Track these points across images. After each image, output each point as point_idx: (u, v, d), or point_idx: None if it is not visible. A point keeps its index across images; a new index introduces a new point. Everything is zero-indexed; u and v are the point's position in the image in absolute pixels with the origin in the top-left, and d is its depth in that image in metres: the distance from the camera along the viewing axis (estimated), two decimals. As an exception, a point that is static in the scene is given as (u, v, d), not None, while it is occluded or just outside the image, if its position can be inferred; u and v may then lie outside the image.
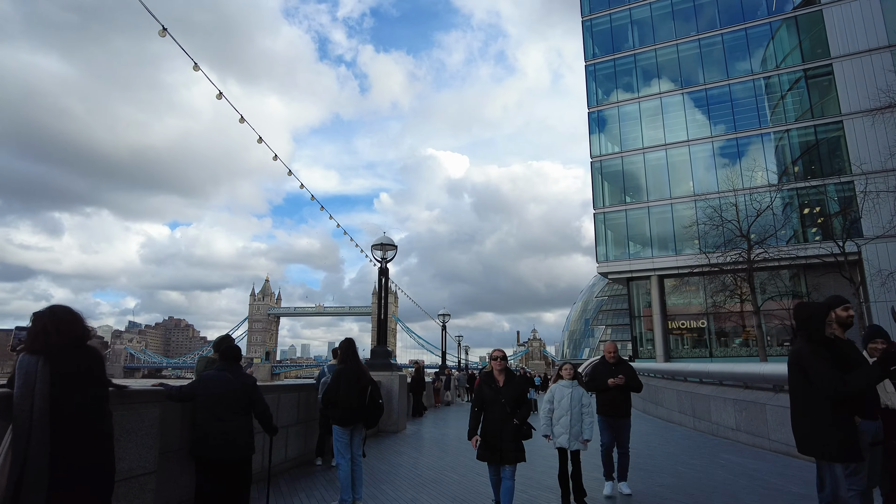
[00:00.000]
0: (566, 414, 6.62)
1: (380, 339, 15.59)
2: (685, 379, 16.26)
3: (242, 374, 5.13)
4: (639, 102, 42.11)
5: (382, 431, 13.95)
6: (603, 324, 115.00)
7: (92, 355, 3.31)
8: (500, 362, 5.86)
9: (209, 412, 4.85)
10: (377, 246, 15.76)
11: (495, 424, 5.60)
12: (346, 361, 6.71)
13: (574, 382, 6.82)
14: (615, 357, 7.72)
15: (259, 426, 5.21)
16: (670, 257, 38.54)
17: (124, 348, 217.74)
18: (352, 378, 6.52)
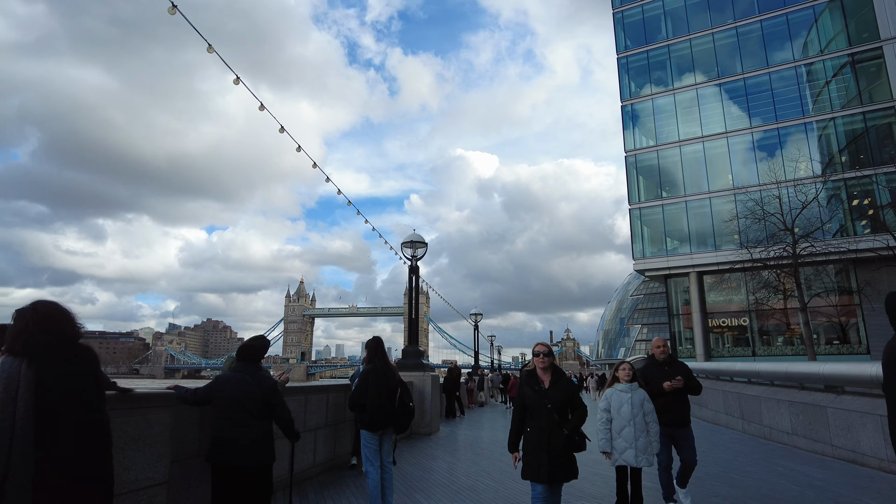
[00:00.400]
0: (629, 424, 5.61)
1: (411, 338, 15.23)
2: (732, 379, 15.41)
3: (261, 376, 4.74)
4: (673, 94, 40.86)
5: (415, 434, 13.55)
6: (639, 323, 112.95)
7: (84, 355, 2.95)
8: (545, 359, 4.86)
9: (225, 416, 4.49)
10: (407, 243, 15.40)
11: (541, 435, 4.64)
12: (374, 361, 6.27)
13: (634, 385, 5.85)
14: (666, 354, 6.59)
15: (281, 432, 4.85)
16: (709, 253, 37.24)
17: (165, 349, 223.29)
18: (381, 378, 6.08)
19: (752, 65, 37.70)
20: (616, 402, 5.78)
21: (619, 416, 5.69)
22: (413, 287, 15.26)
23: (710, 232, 37.97)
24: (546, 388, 4.79)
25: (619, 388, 5.84)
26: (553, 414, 4.66)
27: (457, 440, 13.14)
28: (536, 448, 4.65)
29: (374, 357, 6.29)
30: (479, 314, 32.41)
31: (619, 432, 5.66)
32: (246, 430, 4.45)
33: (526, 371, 5.05)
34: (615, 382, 5.96)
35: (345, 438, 9.20)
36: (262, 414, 4.58)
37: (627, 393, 5.76)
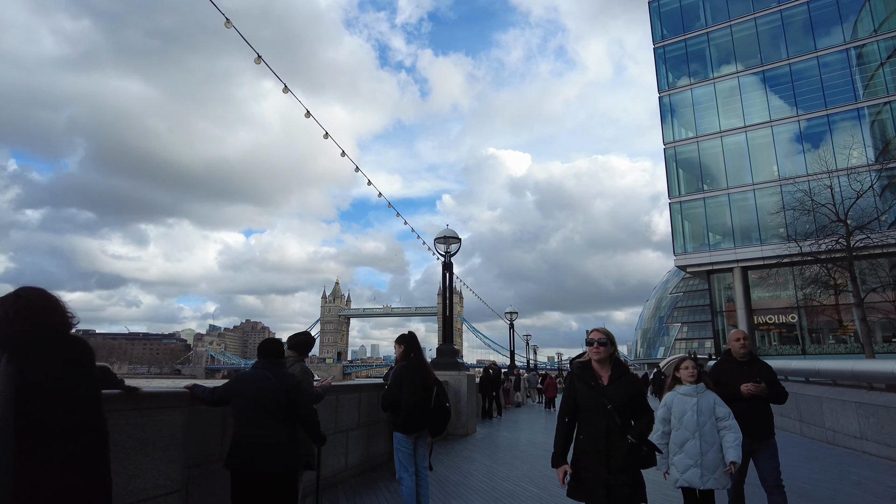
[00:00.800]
0: (693, 436, 4.48)
1: (445, 336, 14.78)
2: (786, 378, 14.47)
3: (284, 373, 4.33)
4: (713, 84, 39.43)
5: (451, 435, 13.09)
6: (678, 321, 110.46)
7: (76, 348, 2.58)
8: (601, 348, 3.79)
9: (244, 417, 4.10)
10: (440, 239, 14.96)
11: (597, 444, 3.64)
12: (409, 357, 5.78)
13: (700, 387, 4.68)
14: (746, 349, 5.33)
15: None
16: (754, 247, 35.76)
17: (205, 350, 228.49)
18: (416, 376, 5.59)
19: (798, 50, 36.05)
20: (678, 409, 4.64)
21: (681, 425, 4.58)
22: (447, 284, 14.81)
23: (755, 225, 36.47)
24: (605, 384, 3.76)
25: (682, 392, 4.70)
26: (614, 417, 3.64)
27: (494, 442, 12.63)
28: (591, 461, 3.65)
29: (408, 353, 5.81)
30: (515, 312, 31.78)
31: (680, 446, 4.54)
32: (267, 432, 4.05)
33: (578, 363, 3.99)
34: (675, 384, 4.82)
35: (379, 440, 8.81)
36: (285, 414, 4.18)
37: (692, 397, 4.63)
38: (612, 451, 3.60)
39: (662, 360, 52.71)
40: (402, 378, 5.61)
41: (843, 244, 25.36)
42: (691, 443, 4.48)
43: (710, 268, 38.26)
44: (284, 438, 4.13)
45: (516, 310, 32.56)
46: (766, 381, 5.12)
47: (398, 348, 5.89)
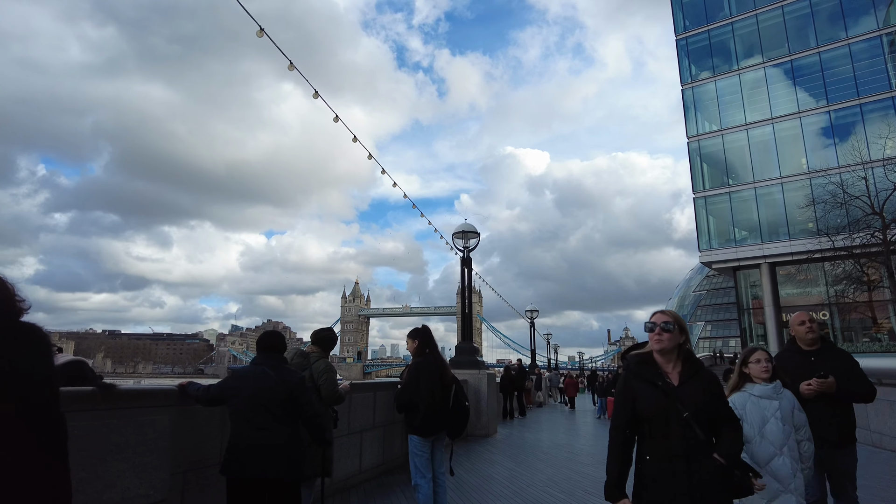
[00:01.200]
0: (781, 451, 3.48)
1: (464, 334, 14.32)
2: None
3: (285, 369, 3.92)
4: (738, 75, 38.37)
5: (471, 436, 12.64)
6: (702, 320, 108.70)
7: (25, 337, 2.17)
8: (665, 336, 2.83)
9: (242, 418, 3.70)
10: (458, 234, 14.52)
11: (674, 466, 2.66)
12: (424, 353, 5.30)
13: (777, 386, 3.68)
14: (816, 335, 4.29)
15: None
16: (782, 243, 34.68)
17: (227, 350, 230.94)
18: (433, 374, 5.11)
19: (827, 38, 34.87)
20: (755, 416, 3.57)
21: (763, 438, 3.51)
22: (465, 280, 14.36)
23: (783, 220, 35.39)
24: (675, 384, 2.76)
25: (757, 393, 3.64)
26: (693, 429, 2.65)
27: (516, 443, 12.14)
28: (666, 491, 2.66)
29: (423, 348, 5.32)
30: (536, 310, 31.19)
31: (764, 464, 3.45)
32: (266, 434, 3.64)
33: (635, 356, 2.95)
34: (744, 382, 3.76)
35: (395, 442, 8.38)
36: (287, 415, 3.76)
37: (773, 399, 3.58)
38: (694, 476, 2.62)
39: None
40: (418, 376, 5.11)
41: (878, 238, 24.39)
42: (780, 461, 3.46)
43: (737, 264, 37.26)
44: (286, 440, 3.71)
45: (537, 307, 32.00)
46: (840, 373, 4.04)
47: (411, 343, 5.41)
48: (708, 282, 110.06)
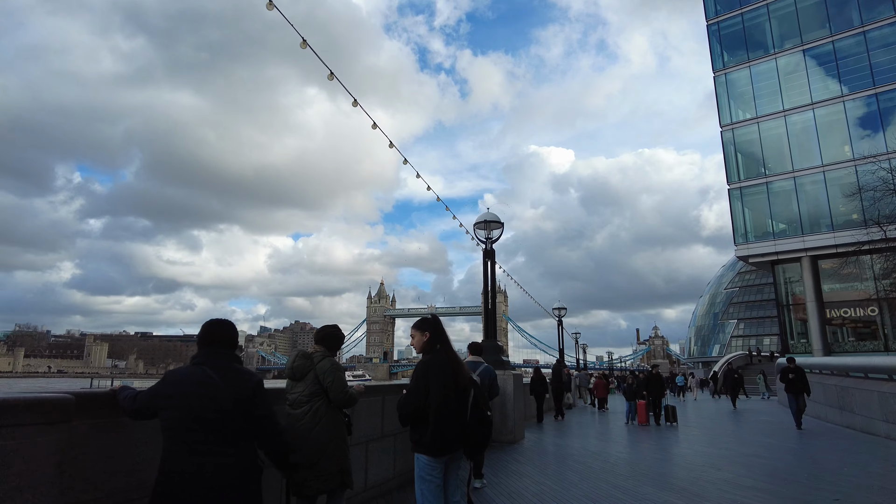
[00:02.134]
0: None
1: (488, 332, 13.26)
2: (891, 377, 12.34)
3: (235, 372, 2.95)
4: (775, 59, 36.52)
5: (497, 442, 11.61)
6: (734, 318, 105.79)
7: None
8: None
9: (175, 438, 2.74)
10: (480, 224, 13.48)
11: None
12: (436, 349, 4.14)
13: None
14: None
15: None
16: (825, 235, 32.80)
17: (256, 351, 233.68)
18: (447, 375, 3.96)
19: (872, 16, 32.84)
20: None
21: None
22: (488, 273, 13.32)
23: (826, 210, 33.49)
24: None
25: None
26: None
27: (545, 450, 11.05)
28: None
29: (433, 343, 4.16)
30: (564, 308, 29.92)
31: None
32: (207, 461, 2.68)
33: None
34: None
35: (409, 454, 7.39)
36: (236, 432, 2.80)
37: None
38: None
39: (719, 360, 49.32)
40: (427, 377, 3.96)
41: (936, 226, 22.61)
42: None
43: (775, 258, 35.43)
44: (234, 468, 2.75)
45: (564, 305, 30.69)
46: None
47: (420, 337, 4.22)
48: (740, 278, 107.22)
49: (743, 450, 11.20)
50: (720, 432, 15.12)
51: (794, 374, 14.65)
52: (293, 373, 4.36)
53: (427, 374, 3.98)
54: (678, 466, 9.12)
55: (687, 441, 12.86)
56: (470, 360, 7.81)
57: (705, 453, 10.72)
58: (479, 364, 7.71)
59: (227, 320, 3.14)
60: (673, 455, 10.71)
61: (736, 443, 12.48)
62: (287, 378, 4.47)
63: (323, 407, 4.21)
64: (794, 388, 14.60)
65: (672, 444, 12.27)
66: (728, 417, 19.57)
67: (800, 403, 14.60)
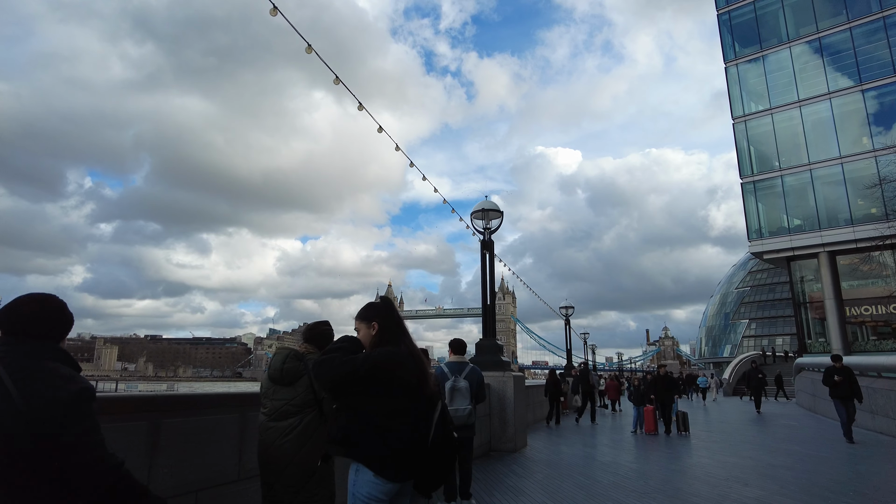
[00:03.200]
0: None
1: (487, 330, 12.19)
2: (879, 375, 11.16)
3: (37, 378, 1.85)
4: (789, 48, 35.24)
5: (495, 451, 10.54)
6: (746, 317, 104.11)
7: None
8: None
9: None
10: (478, 213, 12.44)
11: None
12: (386, 336, 2.91)
13: None
14: None
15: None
16: (844, 229, 31.48)
17: (265, 353, 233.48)
18: (406, 374, 2.78)
19: (892, 1, 31.44)
20: None
21: None
22: (486, 266, 12.25)
23: (844, 204, 32.13)
24: None
25: None
26: None
27: (549, 461, 9.93)
28: None
29: (384, 335, 2.90)
30: (571, 307, 28.78)
31: None
32: None
33: None
34: None
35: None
36: (32, 468, 1.76)
37: None
38: None
39: (731, 361, 47.90)
40: (375, 375, 2.68)
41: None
42: None
43: (791, 254, 34.13)
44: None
45: (572, 304, 29.52)
46: None
47: (364, 330, 2.94)
48: (751, 277, 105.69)
49: (772, 460, 10.05)
50: (741, 439, 13.94)
51: (840, 375, 12.27)
52: (282, 376, 3.43)
53: (375, 372, 2.68)
54: (698, 480, 8.01)
55: (707, 449, 11.72)
56: (452, 360, 6.76)
57: (728, 464, 9.59)
58: (464, 365, 6.65)
59: (51, 295, 2.09)
60: (691, 466, 9.59)
61: (763, 452, 11.32)
62: (268, 381, 3.51)
63: (316, 420, 3.37)
64: (843, 392, 12.20)
65: (690, 454, 11.14)
66: (751, 422, 18.36)
67: (849, 410, 12.25)
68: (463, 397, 6.35)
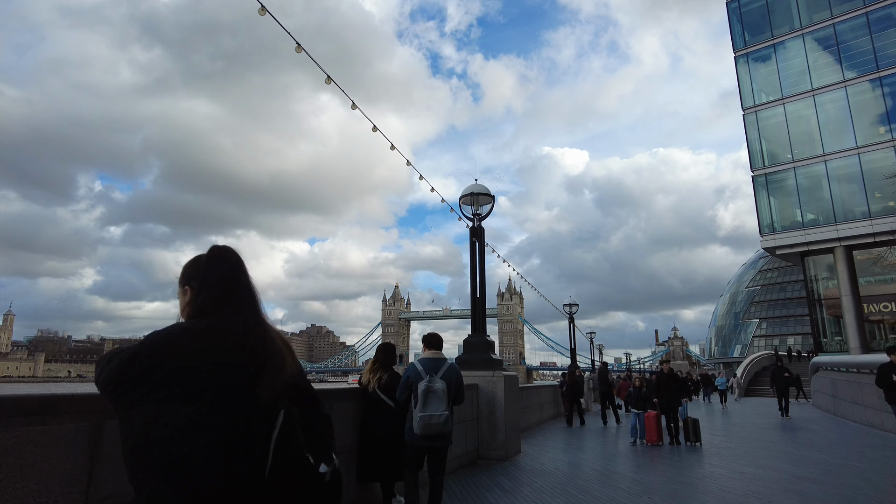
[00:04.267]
0: None
1: (476, 325, 11.10)
2: None
3: None
4: (802, 35, 33.84)
5: (484, 459, 9.45)
6: (756, 317, 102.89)
7: None
8: None
9: None
10: (466, 197, 11.41)
11: None
12: (201, 304, 1.82)
13: None
14: None
15: None
16: (862, 222, 30.06)
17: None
18: (207, 363, 1.64)
19: (911, -17, 30.05)
20: None
21: None
22: (476, 256, 11.18)
23: (861, 197, 30.67)
24: None
25: None
26: None
27: (541, 472, 8.80)
28: None
29: (205, 295, 1.84)
30: (575, 304, 27.60)
31: None
32: None
33: None
34: None
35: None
36: None
37: None
38: None
39: (742, 361, 46.46)
40: (146, 372, 1.58)
41: None
42: None
43: (805, 249, 32.68)
44: None
45: (578, 311, 28.30)
46: None
47: (181, 297, 1.90)
48: (762, 276, 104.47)
49: (796, 471, 8.89)
50: (759, 445, 12.76)
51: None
52: None
53: (176, 358, 1.62)
54: (712, 496, 6.88)
55: (720, 458, 10.56)
56: (427, 356, 5.70)
57: (746, 476, 8.44)
58: (440, 362, 5.59)
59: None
60: (703, 479, 8.45)
61: (785, 461, 10.16)
62: None
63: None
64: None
65: (701, 464, 9.99)
66: (773, 427, 17.14)
67: None
68: (439, 401, 5.28)
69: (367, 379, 6.02)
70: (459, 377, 5.59)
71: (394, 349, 6.43)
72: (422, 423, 5.17)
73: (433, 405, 5.23)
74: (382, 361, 6.12)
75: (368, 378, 6.02)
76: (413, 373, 5.45)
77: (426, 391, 5.26)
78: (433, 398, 5.25)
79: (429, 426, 5.16)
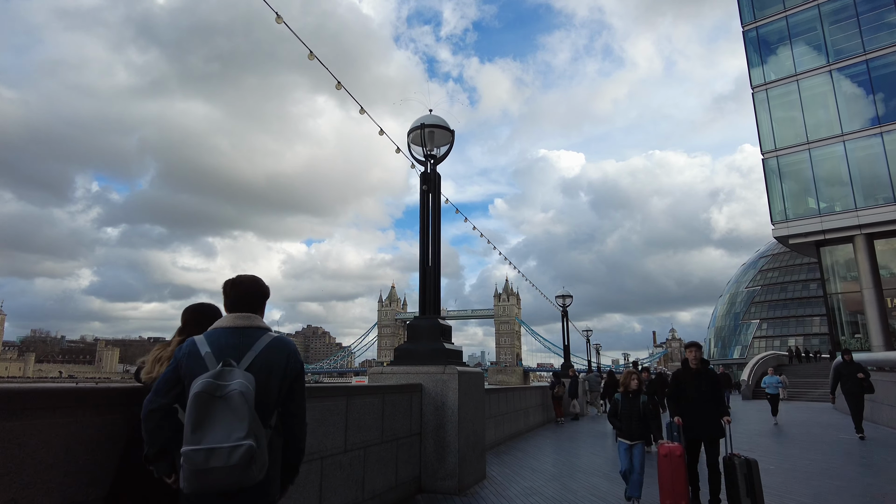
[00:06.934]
0: None
1: (425, 304, 8.10)
2: None
3: None
4: (817, 6, 31.01)
5: (427, 492, 6.49)
6: (756, 318, 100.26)
7: None
8: None
9: None
10: (416, 131, 8.37)
11: None
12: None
13: None
14: None
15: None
16: (885, 208, 27.25)
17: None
18: None
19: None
20: None
21: None
22: (429, 207, 8.21)
23: (885, 180, 27.83)
24: None
25: None
26: None
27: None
28: None
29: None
30: (569, 296, 24.67)
31: None
32: None
33: None
34: None
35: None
36: None
37: None
38: None
39: (748, 364, 43.68)
40: None
41: None
42: None
43: (822, 237, 29.81)
44: None
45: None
46: None
47: None
48: (762, 276, 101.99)
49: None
50: (818, 468, 9.82)
51: None
52: None
53: None
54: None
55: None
56: (225, 324, 2.69)
57: None
58: (248, 335, 2.58)
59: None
60: None
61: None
62: None
63: None
64: None
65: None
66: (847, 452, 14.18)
67: None
68: (235, 416, 2.28)
69: (152, 368, 3.05)
70: (294, 365, 2.58)
71: (215, 310, 3.40)
72: (191, 465, 2.21)
73: (218, 426, 2.23)
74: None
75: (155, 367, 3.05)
76: (188, 357, 2.48)
77: (204, 397, 2.28)
78: (220, 412, 2.25)
79: (205, 473, 2.19)
